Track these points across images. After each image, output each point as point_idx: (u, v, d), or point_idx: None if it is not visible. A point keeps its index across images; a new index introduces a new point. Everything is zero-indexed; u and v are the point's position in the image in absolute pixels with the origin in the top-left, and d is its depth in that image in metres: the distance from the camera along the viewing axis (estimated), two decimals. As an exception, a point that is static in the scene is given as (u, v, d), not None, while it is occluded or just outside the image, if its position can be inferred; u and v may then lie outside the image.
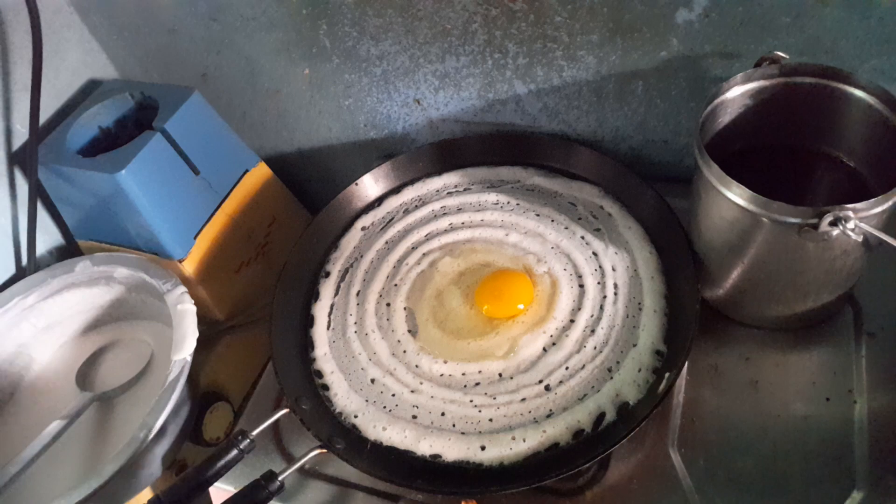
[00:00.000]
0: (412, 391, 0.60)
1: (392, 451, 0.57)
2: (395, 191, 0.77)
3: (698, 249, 0.60)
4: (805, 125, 0.58)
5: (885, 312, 0.59)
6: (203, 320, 0.76)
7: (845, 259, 0.52)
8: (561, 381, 0.58)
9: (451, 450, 0.56)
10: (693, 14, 0.60)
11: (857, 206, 0.46)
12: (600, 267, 0.65)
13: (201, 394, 0.72)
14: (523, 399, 0.57)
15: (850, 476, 0.51)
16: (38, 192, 0.73)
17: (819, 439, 0.54)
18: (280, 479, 0.53)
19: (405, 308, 0.66)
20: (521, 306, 0.63)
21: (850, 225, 0.46)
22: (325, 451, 0.55)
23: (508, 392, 0.58)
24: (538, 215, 0.70)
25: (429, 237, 0.71)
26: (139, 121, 0.77)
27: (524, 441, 0.55)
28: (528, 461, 0.55)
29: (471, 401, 0.58)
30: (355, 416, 0.60)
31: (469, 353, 0.61)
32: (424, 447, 0.57)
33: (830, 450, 0.53)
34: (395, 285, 0.68)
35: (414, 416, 0.59)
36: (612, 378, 0.57)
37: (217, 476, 0.55)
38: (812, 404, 0.56)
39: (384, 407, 0.60)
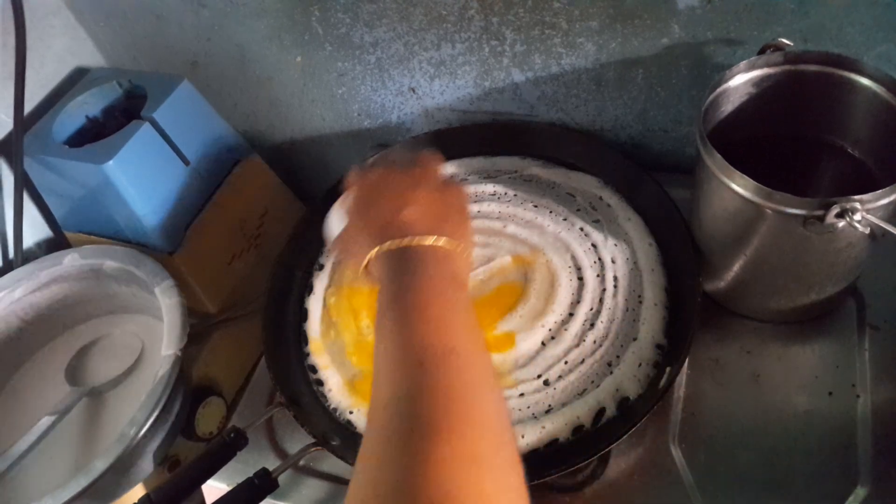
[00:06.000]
0: (408, 386, 0.59)
1: (388, 447, 0.56)
2: (390, 181, 0.76)
3: (700, 241, 0.60)
4: (810, 114, 0.57)
5: (889, 305, 0.59)
6: (195, 313, 0.76)
7: (850, 251, 0.51)
8: (560, 376, 0.57)
9: (448, 446, 0.55)
10: (695, -1, 0.59)
11: (865, 197, 0.45)
12: (600, 259, 0.63)
13: (193, 388, 0.71)
14: (521, 394, 0.56)
15: (854, 472, 0.51)
16: (24, 184, 0.72)
17: (821, 434, 0.53)
18: (274, 476, 0.52)
19: (401, 301, 0.65)
20: None
21: (857, 217, 0.45)
22: (319, 448, 0.55)
23: (506, 387, 0.57)
24: (536, 206, 0.69)
25: (425, 229, 0.70)
26: (127, 110, 0.75)
27: (522, 437, 0.54)
28: (526, 458, 0.53)
29: (468, 396, 0.57)
30: (350, 412, 0.59)
31: (466, 348, 0.60)
32: (421, 443, 0.56)
33: (833, 445, 0.53)
34: (391, 278, 0.67)
35: (410, 412, 0.57)
36: (611, 373, 0.56)
37: (209, 474, 0.54)
38: (814, 398, 0.55)
39: (380, 402, 0.59)
